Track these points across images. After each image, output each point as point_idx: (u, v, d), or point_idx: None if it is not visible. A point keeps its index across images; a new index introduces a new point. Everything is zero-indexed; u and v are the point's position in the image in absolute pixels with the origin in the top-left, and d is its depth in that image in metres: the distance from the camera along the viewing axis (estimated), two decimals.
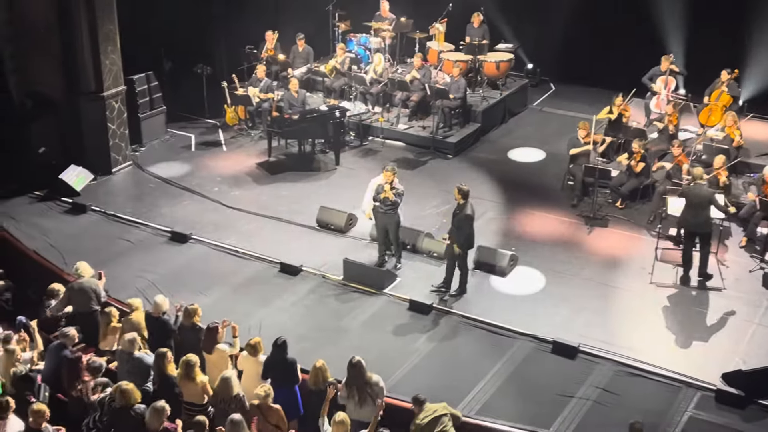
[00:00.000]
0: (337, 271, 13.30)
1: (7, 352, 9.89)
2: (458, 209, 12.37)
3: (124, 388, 9.14)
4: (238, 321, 11.05)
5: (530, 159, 17.08)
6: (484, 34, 18.74)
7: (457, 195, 12.37)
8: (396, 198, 12.84)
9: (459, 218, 12.32)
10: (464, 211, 12.29)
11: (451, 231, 12.53)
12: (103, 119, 16.29)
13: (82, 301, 11.50)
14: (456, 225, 12.38)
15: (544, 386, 10.95)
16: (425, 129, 17.64)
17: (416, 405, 9.43)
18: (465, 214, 12.28)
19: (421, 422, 9.30)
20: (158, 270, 13.49)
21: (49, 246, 14.04)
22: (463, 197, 12.31)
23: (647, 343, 11.63)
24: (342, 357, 10.48)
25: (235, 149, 17.52)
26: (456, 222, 12.38)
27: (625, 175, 14.86)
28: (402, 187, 13.00)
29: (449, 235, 12.52)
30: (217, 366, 10.18)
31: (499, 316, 12.24)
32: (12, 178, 15.80)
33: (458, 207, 12.39)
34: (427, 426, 9.29)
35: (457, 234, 12.36)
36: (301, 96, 17.33)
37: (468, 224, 12.31)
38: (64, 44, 15.94)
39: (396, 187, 12.88)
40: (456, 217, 12.39)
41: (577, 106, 18.78)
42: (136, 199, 15.75)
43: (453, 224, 12.46)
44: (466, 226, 12.31)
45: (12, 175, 15.81)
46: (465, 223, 12.29)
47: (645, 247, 13.76)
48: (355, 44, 19.58)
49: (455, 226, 12.40)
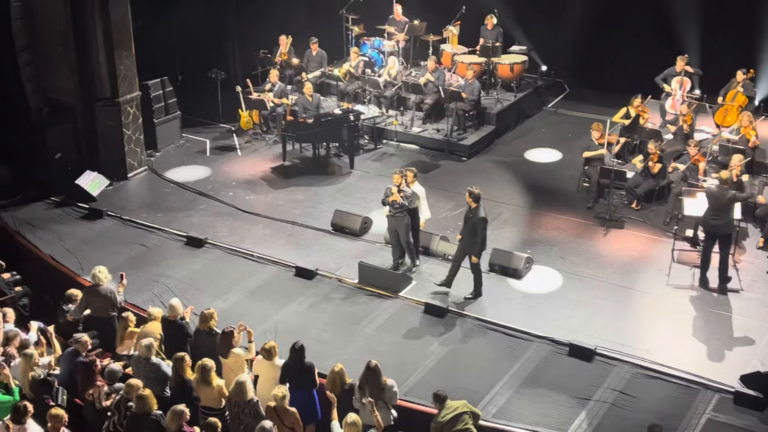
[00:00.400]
0: (352, 275, 13.30)
1: (25, 357, 9.94)
2: (471, 213, 12.31)
3: (142, 394, 9.17)
4: (253, 325, 11.08)
5: (547, 159, 17.03)
6: (498, 37, 18.73)
7: (468, 199, 12.32)
8: (403, 201, 12.83)
9: (473, 222, 12.27)
10: (477, 214, 12.23)
11: (463, 233, 12.49)
12: (118, 125, 16.37)
13: (99, 306, 11.56)
14: (469, 229, 12.32)
15: (561, 389, 10.91)
16: (439, 132, 17.63)
17: (437, 402, 9.41)
18: (479, 217, 12.23)
19: (443, 419, 9.29)
20: (174, 274, 13.53)
21: (65, 251, 14.11)
22: (475, 200, 12.26)
23: (664, 345, 11.58)
24: (358, 360, 10.51)
25: (250, 153, 17.56)
26: (470, 226, 12.32)
27: (640, 177, 14.80)
28: (410, 190, 12.95)
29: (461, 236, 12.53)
30: (234, 370, 10.21)
31: (515, 318, 12.22)
32: (29, 184, 15.89)
33: (470, 211, 12.33)
34: (448, 423, 9.28)
35: (471, 237, 12.31)
36: (316, 100, 17.36)
37: (482, 227, 12.28)
38: (79, 51, 16.02)
39: (404, 190, 12.86)
40: (469, 221, 12.33)
41: (591, 107, 18.72)
42: (152, 204, 15.80)
43: (466, 228, 12.40)
44: (480, 229, 12.27)
45: (29, 182, 15.90)
46: (480, 226, 12.25)
47: (661, 248, 13.70)
48: (368, 48, 19.59)
49: (468, 230, 12.34)
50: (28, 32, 15.92)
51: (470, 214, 12.31)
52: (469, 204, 12.31)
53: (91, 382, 9.81)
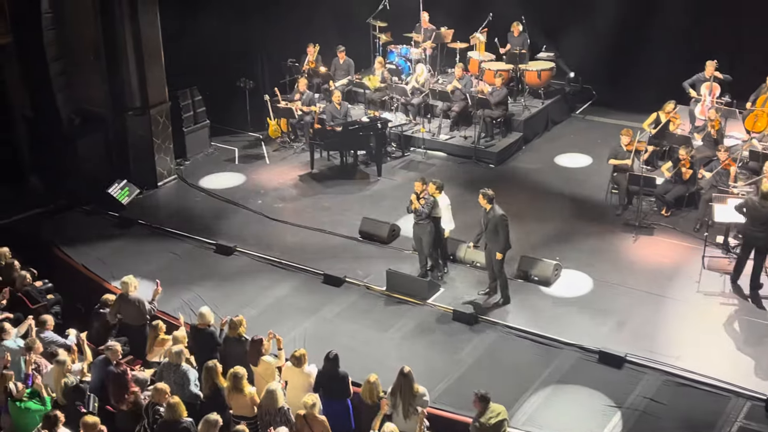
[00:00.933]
0: (380, 282, 13.33)
1: (58, 364, 10.04)
2: (488, 214, 12.27)
3: (171, 402, 9.22)
4: (282, 332, 11.12)
5: (575, 165, 16.98)
6: (525, 43, 18.71)
7: (483, 201, 12.29)
8: (423, 208, 12.84)
9: (493, 221, 12.23)
10: (496, 212, 12.23)
11: (486, 238, 12.46)
12: (148, 134, 16.54)
13: (130, 314, 11.67)
14: (491, 230, 12.30)
15: (591, 397, 10.86)
16: (467, 139, 17.63)
17: (481, 402, 9.36)
18: (498, 215, 12.21)
19: (487, 422, 9.26)
20: (203, 282, 13.62)
21: (96, 259, 14.26)
22: (489, 201, 12.25)
23: (695, 352, 11.48)
24: (387, 368, 10.52)
25: (278, 162, 17.65)
26: (491, 227, 12.28)
27: (670, 183, 14.71)
28: (432, 198, 12.94)
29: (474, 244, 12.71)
30: (264, 378, 10.24)
31: (544, 325, 12.17)
32: (60, 193, 16.07)
33: (487, 212, 12.29)
34: (493, 428, 9.26)
35: (494, 238, 12.30)
36: (344, 108, 17.43)
37: (504, 224, 12.24)
38: (110, 61, 16.21)
39: (425, 198, 12.88)
40: (489, 222, 12.28)
41: (619, 113, 18.65)
42: (181, 213, 15.93)
43: (487, 230, 12.37)
44: (502, 227, 12.24)
45: (60, 191, 16.08)
46: (501, 224, 12.22)
47: (692, 255, 13.59)
48: (396, 55, 19.63)
49: (491, 231, 12.31)
50: (59, 43, 16.11)
51: (489, 215, 12.29)
52: (485, 206, 12.30)
53: (124, 391, 9.87)
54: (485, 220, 12.37)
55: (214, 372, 9.92)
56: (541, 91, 18.87)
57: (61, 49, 16.17)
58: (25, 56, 16.05)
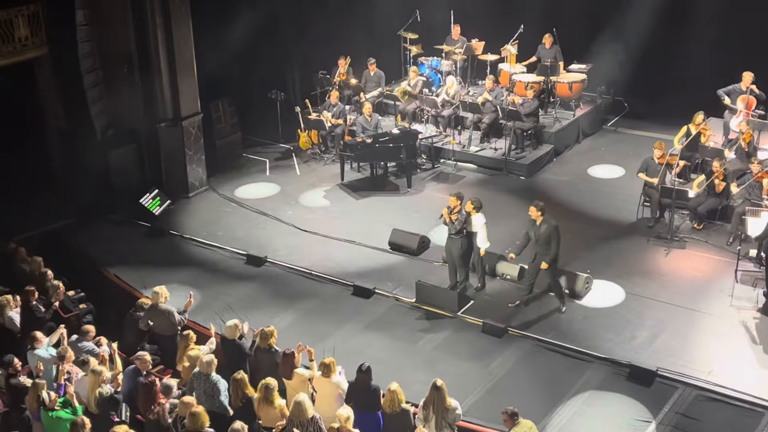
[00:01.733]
0: (409, 294, 13.32)
1: (93, 374, 10.07)
2: (541, 224, 12.28)
3: (195, 411, 9.23)
4: (311, 343, 11.13)
5: (607, 177, 16.88)
6: (556, 55, 18.64)
7: (536, 212, 12.29)
8: (455, 223, 12.84)
9: (546, 232, 12.24)
10: (550, 223, 12.27)
11: (536, 249, 12.42)
12: (180, 145, 16.68)
13: (160, 325, 11.75)
14: (544, 241, 12.29)
15: (622, 411, 10.77)
16: (497, 151, 17.60)
17: (510, 418, 9.36)
18: (553, 226, 12.26)
19: None
20: (234, 293, 13.70)
21: (128, 269, 14.38)
22: (542, 212, 12.28)
23: (728, 366, 11.36)
24: (415, 380, 10.53)
25: (309, 173, 17.71)
26: (543, 238, 12.27)
27: (703, 196, 14.58)
28: (465, 213, 12.89)
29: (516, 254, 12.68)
30: (297, 391, 10.19)
31: (575, 338, 12.11)
32: (93, 203, 16.23)
33: (538, 224, 12.30)
34: None
35: (545, 250, 12.31)
36: (374, 120, 17.48)
37: (557, 236, 12.27)
38: (143, 73, 16.39)
39: (458, 213, 12.87)
40: (542, 233, 12.26)
41: (651, 125, 18.52)
42: (213, 223, 16.03)
43: (539, 242, 12.34)
44: (555, 237, 12.27)
45: (93, 201, 16.24)
46: (555, 234, 12.26)
47: (724, 268, 13.46)
48: (426, 67, 19.66)
49: (543, 242, 12.30)
50: (93, 55, 16.32)
51: (541, 227, 12.28)
52: (535, 218, 12.30)
53: (152, 401, 9.92)
54: (536, 231, 12.36)
55: (243, 383, 9.95)
56: (572, 103, 18.79)
57: (95, 62, 16.38)
58: (60, 68, 16.26)
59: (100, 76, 16.50)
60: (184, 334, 11.30)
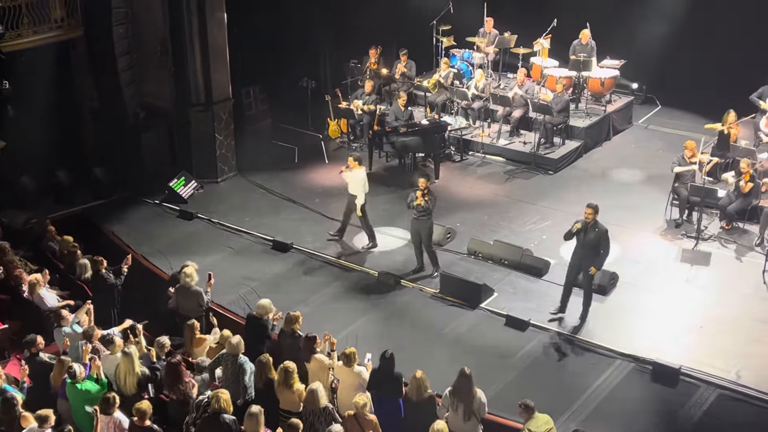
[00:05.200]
0: (434, 284, 13.34)
1: (125, 356, 10.12)
2: (595, 227, 11.89)
3: (221, 395, 9.26)
4: (334, 331, 11.21)
5: (635, 174, 16.76)
6: (591, 51, 18.50)
7: (589, 212, 11.87)
8: (428, 204, 12.96)
9: (597, 235, 11.87)
10: (601, 228, 11.91)
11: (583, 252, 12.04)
12: (210, 130, 16.79)
13: (188, 306, 11.86)
14: (593, 243, 11.90)
15: (644, 408, 10.74)
16: (526, 145, 17.55)
17: (526, 411, 9.35)
18: (604, 230, 11.92)
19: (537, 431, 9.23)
20: (259, 277, 13.79)
21: (156, 251, 14.53)
22: (596, 213, 11.93)
23: (753, 367, 11.27)
24: (437, 370, 10.55)
25: (337, 161, 17.72)
26: (593, 240, 11.88)
27: (732, 195, 14.46)
28: (434, 194, 13.18)
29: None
30: (317, 375, 10.29)
31: (598, 334, 12.08)
32: (124, 184, 16.40)
33: (590, 225, 11.89)
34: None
35: (593, 253, 11.97)
36: (408, 112, 17.47)
37: (607, 238, 11.98)
38: (176, 57, 16.51)
39: (428, 195, 12.98)
40: (593, 236, 11.88)
41: (683, 123, 18.39)
42: (240, 208, 16.13)
43: (587, 245, 11.96)
44: (605, 242, 11.96)
45: (124, 183, 16.42)
46: (605, 238, 11.94)
47: (752, 268, 13.37)
48: (458, 59, 19.62)
49: (591, 245, 11.91)
50: (128, 38, 16.45)
51: (592, 230, 11.89)
52: (589, 219, 11.88)
53: (177, 381, 10.02)
54: (585, 233, 11.93)
55: (267, 366, 10.03)
56: (604, 99, 18.68)
57: (129, 44, 16.52)
58: (95, 50, 16.42)
59: (134, 59, 16.65)
60: (189, 323, 11.31)
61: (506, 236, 14.39)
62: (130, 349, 10.22)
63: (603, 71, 18.60)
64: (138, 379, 10.10)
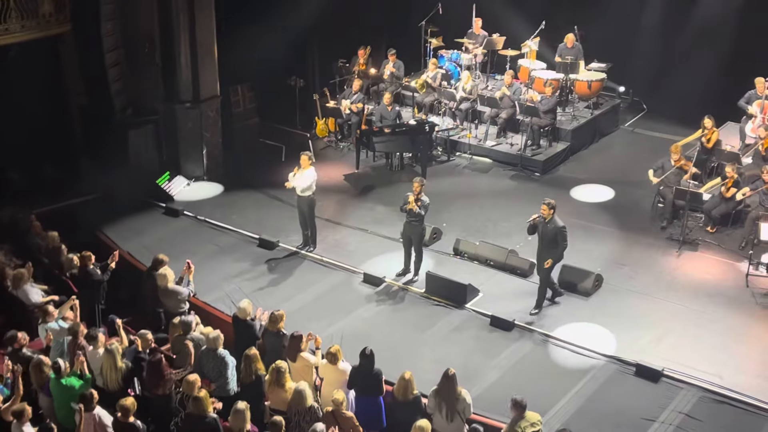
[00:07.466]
0: (419, 284, 13.37)
1: (108, 353, 10.13)
2: (550, 223, 12.24)
3: (197, 396, 9.26)
4: (320, 329, 11.23)
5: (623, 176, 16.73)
6: (578, 55, 18.57)
7: (545, 209, 12.23)
8: (420, 210, 12.96)
9: (553, 231, 12.20)
10: (557, 224, 12.21)
11: (542, 246, 12.38)
12: (198, 127, 16.77)
13: (169, 304, 11.85)
14: (549, 239, 12.24)
15: (626, 409, 10.79)
16: (513, 146, 17.60)
17: (517, 409, 9.37)
18: (560, 226, 12.20)
19: (522, 430, 9.27)
20: (245, 275, 13.79)
21: (142, 248, 14.49)
22: (551, 210, 12.22)
23: (734, 369, 11.36)
24: (421, 369, 10.58)
25: (324, 160, 17.74)
26: (550, 236, 12.23)
27: (717, 199, 14.55)
28: (428, 199, 13.18)
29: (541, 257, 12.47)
30: (301, 374, 10.32)
31: (582, 336, 12.12)
32: (110, 181, 16.34)
33: (548, 222, 12.25)
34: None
35: (550, 246, 12.27)
36: (395, 111, 17.49)
37: (564, 236, 12.23)
38: (164, 54, 16.48)
39: (421, 199, 12.99)
40: (549, 231, 12.22)
41: (669, 128, 18.46)
42: (227, 206, 16.12)
43: (545, 239, 12.30)
44: (562, 238, 12.23)
45: (110, 178, 16.35)
46: (561, 235, 12.21)
47: (735, 273, 13.46)
48: (446, 60, 19.65)
49: (548, 240, 12.26)
50: (116, 33, 16.41)
51: (549, 225, 12.24)
52: (545, 215, 12.24)
53: (159, 378, 10.02)
54: (543, 228, 12.32)
55: (254, 359, 10.06)
56: (591, 102, 18.75)
57: (117, 40, 16.47)
58: (83, 45, 16.36)
59: (122, 55, 16.62)
60: (174, 322, 11.25)
61: (492, 237, 14.44)
62: (112, 346, 10.21)
63: (590, 74, 18.66)
64: (122, 374, 10.09)
